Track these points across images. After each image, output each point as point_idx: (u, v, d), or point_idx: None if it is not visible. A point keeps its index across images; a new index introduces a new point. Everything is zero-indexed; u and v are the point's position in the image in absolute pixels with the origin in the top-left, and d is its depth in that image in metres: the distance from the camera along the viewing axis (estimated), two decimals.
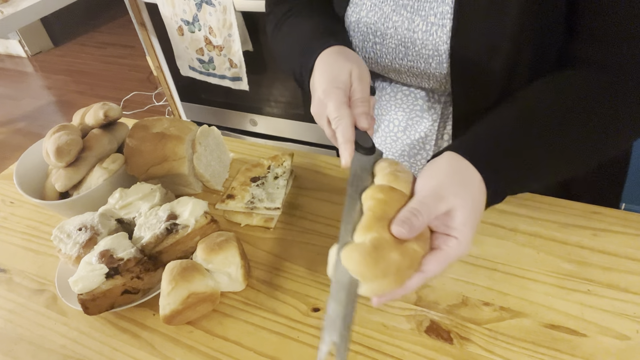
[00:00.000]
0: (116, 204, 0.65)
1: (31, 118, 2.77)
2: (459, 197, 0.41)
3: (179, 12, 1.58)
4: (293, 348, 0.53)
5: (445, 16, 0.55)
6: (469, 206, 0.41)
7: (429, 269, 0.40)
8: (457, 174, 0.43)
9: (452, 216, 0.41)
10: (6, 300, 0.64)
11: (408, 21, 0.58)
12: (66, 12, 2.51)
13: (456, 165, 0.44)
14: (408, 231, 0.39)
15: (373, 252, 0.38)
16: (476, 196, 0.43)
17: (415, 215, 0.40)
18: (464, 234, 0.41)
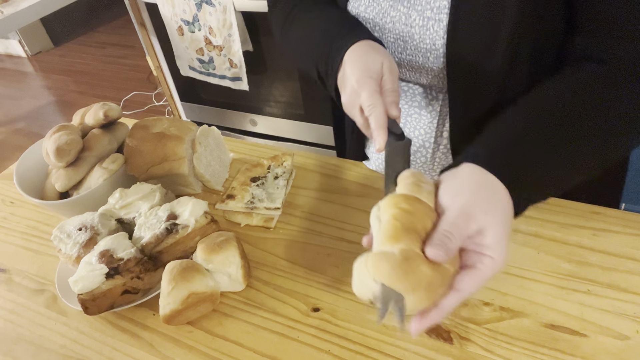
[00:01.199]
0: (116, 204, 0.65)
1: (31, 118, 2.77)
2: (489, 215, 0.40)
3: (179, 12, 1.58)
4: (293, 348, 0.53)
5: (442, 11, 0.55)
6: (500, 221, 0.41)
7: (464, 287, 0.39)
8: (484, 189, 0.42)
9: (484, 235, 0.40)
10: (6, 300, 0.64)
11: (405, 16, 0.58)
12: (66, 12, 2.51)
13: (481, 180, 0.43)
14: (444, 254, 0.38)
15: (404, 264, 0.36)
16: (506, 210, 0.42)
17: (448, 239, 0.39)
18: (498, 251, 0.40)
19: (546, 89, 0.51)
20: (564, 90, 0.50)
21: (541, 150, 0.46)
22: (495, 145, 0.46)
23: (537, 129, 0.47)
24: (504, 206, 0.42)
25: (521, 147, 0.46)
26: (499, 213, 0.41)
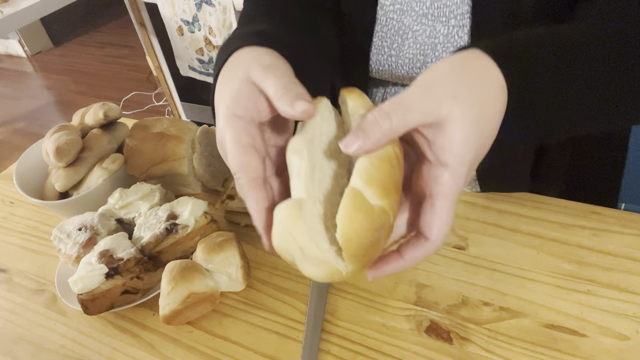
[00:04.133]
0: (116, 204, 0.65)
1: (31, 118, 2.77)
2: (459, 103, 0.29)
3: (178, 12, 1.58)
4: (293, 348, 0.52)
5: (464, 16, 0.55)
6: (473, 117, 0.30)
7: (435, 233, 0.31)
8: (465, 69, 0.31)
9: (444, 129, 0.29)
10: (6, 300, 0.64)
11: (430, 28, 0.58)
12: (66, 12, 2.51)
13: (467, 59, 0.32)
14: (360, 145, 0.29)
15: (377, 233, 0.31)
16: (487, 104, 0.31)
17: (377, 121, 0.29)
18: (457, 155, 0.30)
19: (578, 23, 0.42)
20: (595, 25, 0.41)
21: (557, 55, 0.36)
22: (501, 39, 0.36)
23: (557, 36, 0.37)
24: (487, 97, 0.31)
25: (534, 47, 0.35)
26: (476, 106, 0.30)
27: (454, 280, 0.56)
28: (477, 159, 0.32)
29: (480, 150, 0.31)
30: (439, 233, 0.32)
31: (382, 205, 0.30)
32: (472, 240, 0.60)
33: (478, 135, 0.30)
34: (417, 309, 0.54)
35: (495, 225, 0.61)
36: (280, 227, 0.31)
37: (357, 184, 0.30)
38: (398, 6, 0.59)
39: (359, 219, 0.29)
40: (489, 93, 0.31)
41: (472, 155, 0.30)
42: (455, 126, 0.29)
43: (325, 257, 0.30)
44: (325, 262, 0.30)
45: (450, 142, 0.30)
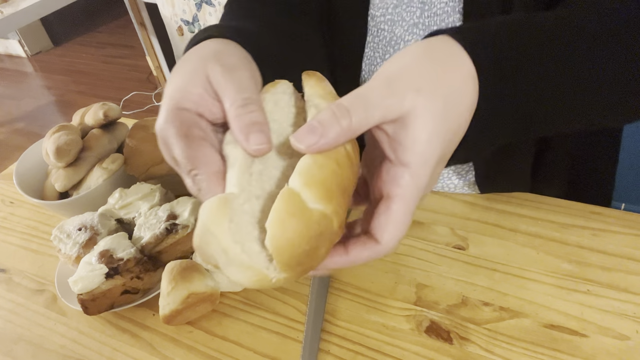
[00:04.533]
0: (116, 204, 0.65)
1: (31, 118, 2.77)
2: (422, 95, 0.27)
3: (178, 12, 1.58)
4: (293, 348, 0.52)
5: (456, 24, 0.55)
6: (438, 112, 0.27)
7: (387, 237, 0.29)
8: (430, 58, 0.29)
9: (406, 125, 0.27)
10: (6, 300, 0.64)
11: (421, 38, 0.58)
12: (66, 12, 2.51)
13: (432, 46, 0.29)
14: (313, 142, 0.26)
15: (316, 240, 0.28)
16: (454, 96, 0.28)
17: (336, 117, 0.26)
18: (419, 154, 0.27)
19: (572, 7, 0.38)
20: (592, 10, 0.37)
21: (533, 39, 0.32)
22: (473, 24, 0.32)
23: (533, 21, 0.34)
24: (454, 90, 0.28)
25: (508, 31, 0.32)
26: (441, 99, 0.27)
27: (454, 280, 0.56)
28: (444, 158, 0.29)
29: (447, 148, 0.29)
30: (390, 238, 0.29)
31: (322, 209, 0.26)
32: (472, 240, 0.60)
33: (444, 132, 0.28)
34: (417, 309, 0.54)
35: (495, 225, 0.61)
36: (202, 226, 0.27)
37: (295, 185, 0.26)
38: (389, 17, 0.59)
39: (292, 225, 0.26)
40: (456, 84, 0.28)
41: (437, 155, 0.28)
42: (418, 122, 0.27)
43: (252, 262, 0.26)
44: (252, 267, 0.26)
45: (412, 140, 0.27)
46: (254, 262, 0.27)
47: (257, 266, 0.27)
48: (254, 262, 0.27)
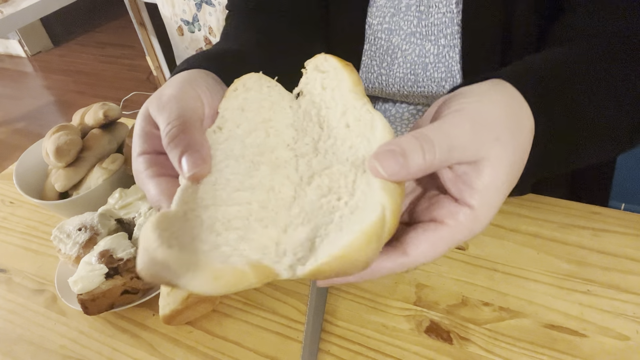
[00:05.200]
0: (116, 204, 0.65)
1: (31, 118, 2.77)
2: (499, 144, 0.28)
3: (178, 12, 1.58)
4: (293, 348, 0.52)
5: (455, 36, 0.54)
6: (509, 161, 0.28)
7: (416, 252, 0.28)
8: (512, 114, 0.30)
9: (480, 170, 0.27)
10: (6, 300, 0.64)
11: (419, 47, 0.57)
12: (66, 12, 2.51)
13: (510, 96, 0.31)
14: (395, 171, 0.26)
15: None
16: (521, 149, 0.30)
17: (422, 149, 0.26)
18: (486, 202, 0.27)
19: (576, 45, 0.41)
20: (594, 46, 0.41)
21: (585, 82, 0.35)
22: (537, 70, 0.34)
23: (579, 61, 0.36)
24: (521, 145, 0.30)
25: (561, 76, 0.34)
26: (513, 151, 0.28)
27: (454, 280, 0.56)
28: (502, 199, 0.29)
29: (504, 194, 0.29)
30: (419, 254, 0.28)
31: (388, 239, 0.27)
32: (472, 240, 0.60)
33: (509, 183, 0.29)
34: (417, 309, 0.54)
35: (495, 225, 0.61)
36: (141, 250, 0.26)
37: (387, 213, 0.25)
38: (386, 25, 0.59)
39: (371, 248, 0.25)
40: (523, 138, 0.30)
41: (499, 202, 0.28)
42: (491, 169, 0.27)
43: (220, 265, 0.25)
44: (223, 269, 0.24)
45: (484, 186, 0.27)
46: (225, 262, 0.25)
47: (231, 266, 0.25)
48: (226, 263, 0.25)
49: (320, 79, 0.35)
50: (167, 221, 0.26)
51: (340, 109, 0.33)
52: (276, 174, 0.32)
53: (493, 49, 0.53)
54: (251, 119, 0.34)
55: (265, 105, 0.35)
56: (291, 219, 0.29)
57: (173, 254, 0.24)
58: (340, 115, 0.32)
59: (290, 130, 0.34)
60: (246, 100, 0.35)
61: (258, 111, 0.35)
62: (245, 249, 0.27)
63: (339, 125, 0.32)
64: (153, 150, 0.34)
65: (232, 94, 0.35)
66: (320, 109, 0.34)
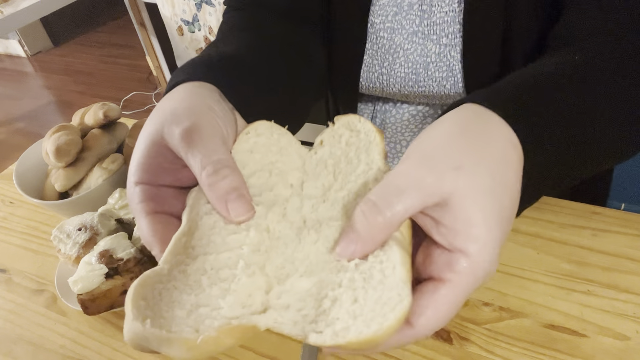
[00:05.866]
0: (116, 204, 0.65)
1: (31, 118, 2.77)
2: (463, 173, 0.25)
3: (178, 12, 1.58)
4: (293, 348, 0.52)
5: (456, 35, 0.54)
6: (485, 188, 0.25)
7: (421, 322, 0.25)
8: (465, 132, 0.26)
9: (452, 209, 0.25)
10: (6, 300, 0.64)
11: (421, 47, 0.57)
12: (66, 12, 2.51)
13: (464, 119, 0.28)
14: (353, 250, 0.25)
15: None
16: (499, 168, 0.26)
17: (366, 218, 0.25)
18: (479, 239, 0.24)
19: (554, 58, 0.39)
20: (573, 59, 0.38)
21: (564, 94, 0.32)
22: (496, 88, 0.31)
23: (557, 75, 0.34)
24: (497, 162, 0.26)
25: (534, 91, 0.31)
26: (486, 174, 0.25)
27: None
28: (504, 236, 0.26)
29: (505, 226, 0.26)
30: (427, 324, 0.25)
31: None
32: None
33: (498, 210, 0.25)
34: None
35: None
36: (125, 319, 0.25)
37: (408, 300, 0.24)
38: (388, 24, 0.59)
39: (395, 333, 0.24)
40: (497, 155, 0.26)
41: (497, 236, 0.25)
42: (467, 204, 0.24)
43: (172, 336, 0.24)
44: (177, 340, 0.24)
45: (465, 224, 0.24)
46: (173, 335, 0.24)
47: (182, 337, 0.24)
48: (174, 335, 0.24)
49: (348, 136, 0.34)
50: (147, 286, 0.26)
51: (363, 168, 0.31)
52: (271, 213, 0.31)
53: (494, 48, 0.53)
54: (258, 161, 0.33)
55: (274, 150, 0.35)
56: (291, 266, 0.28)
57: (146, 330, 0.24)
58: (361, 173, 0.31)
59: (296, 172, 0.34)
60: (256, 144, 0.34)
61: (266, 154, 0.34)
62: (223, 308, 0.26)
63: (357, 181, 0.31)
64: (153, 181, 0.32)
65: (244, 137, 0.35)
66: (339, 162, 0.33)
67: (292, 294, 0.27)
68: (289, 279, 0.28)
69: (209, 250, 0.29)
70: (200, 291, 0.27)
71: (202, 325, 0.25)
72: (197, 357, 0.24)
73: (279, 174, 0.33)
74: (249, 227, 0.30)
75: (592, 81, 0.35)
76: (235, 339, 0.24)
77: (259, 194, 0.32)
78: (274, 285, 0.27)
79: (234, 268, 0.28)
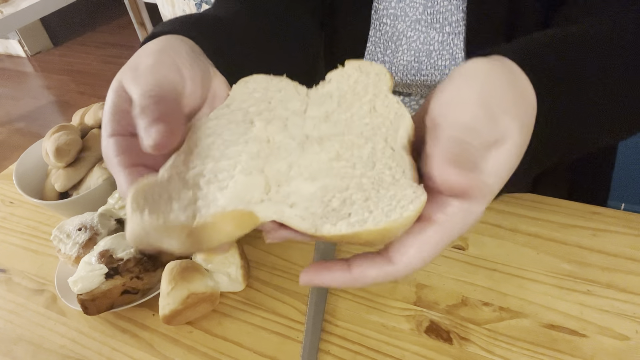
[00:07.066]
0: (116, 204, 0.65)
1: (31, 118, 2.77)
2: (515, 121, 0.26)
3: (178, 12, 1.58)
4: (293, 348, 0.52)
5: (460, 23, 0.54)
6: (521, 144, 0.26)
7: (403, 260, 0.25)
8: (512, 85, 0.27)
9: (498, 150, 0.26)
10: (6, 300, 0.64)
11: (424, 35, 0.57)
12: (66, 12, 2.51)
13: (509, 73, 0.28)
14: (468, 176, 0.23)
15: None
16: (528, 132, 0.28)
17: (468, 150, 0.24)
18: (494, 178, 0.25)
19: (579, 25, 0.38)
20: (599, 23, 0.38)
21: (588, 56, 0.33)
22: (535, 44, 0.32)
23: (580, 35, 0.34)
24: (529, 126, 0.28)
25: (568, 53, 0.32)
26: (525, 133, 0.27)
27: (454, 280, 0.56)
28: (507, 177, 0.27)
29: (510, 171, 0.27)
30: (409, 263, 0.25)
31: None
32: (472, 240, 0.60)
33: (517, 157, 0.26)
34: (417, 309, 0.54)
35: (495, 225, 0.61)
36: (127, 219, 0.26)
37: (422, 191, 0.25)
38: (391, 11, 0.59)
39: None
40: (531, 121, 0.28)
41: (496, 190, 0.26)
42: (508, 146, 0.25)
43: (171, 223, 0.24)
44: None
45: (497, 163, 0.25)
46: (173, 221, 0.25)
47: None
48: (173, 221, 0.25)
49: (357, 76, 0.34)
50: (147, 187, 0.26)
51: (369, 97, 0.32)
52: (272, 126, 0.30)
53: (497, 37, 0.53)
54: (258, 98, 0.33)
55: (273, 89, 0.34)
56: (294, 170, 0.28)
57: (144, 221, 0.24)
58: (367, 101, 0.31)
59: (297, 102, 0.33)
60: (256, 88, 0.34)
61: (265, 92, 0.34)
62: (219, 199, 0.26)
63: (362, 107, 0.31)
64: (127, 131, 0.31)
65: (242, 83, 0.35)
66: (345, 94, 0.33)
67: (297, 194, 0.27)
68: (293, 181, 0.27)
69: (206, 162, 0.29)
70: (197, 190, 0.27)
71: (199, 213, 0.25)
72: (196, 246, 0.24)
73: (279, 102, 0.33)
74: (248, 140, 0.30)
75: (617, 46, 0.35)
76: (233, 225, 0.24)
77: (259, 113, 0.32)
78: (274, 186, 0.27)
79: (232, 171, 0.28)
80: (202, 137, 0.30)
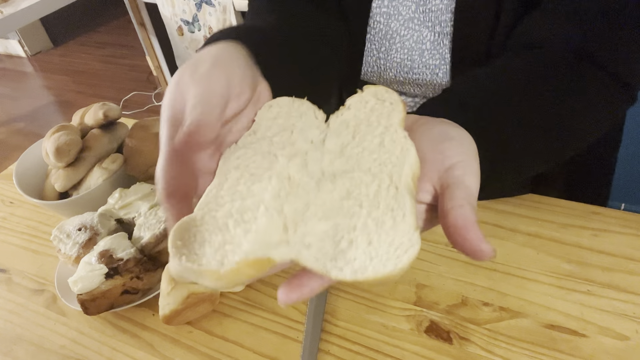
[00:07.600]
0: (116, 204, 0.65)
1: (31, 118, 2.77)
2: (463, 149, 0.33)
3: (178, 12, 1.58)
4: (293, 348, 0.52)
5: (448, 24, 0.55)
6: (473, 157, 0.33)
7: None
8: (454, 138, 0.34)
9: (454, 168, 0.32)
10: (6, 300, 0.64)
11: (417, 34, 0.58)
12: (66, 12, 2.51)
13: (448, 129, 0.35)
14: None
15: None
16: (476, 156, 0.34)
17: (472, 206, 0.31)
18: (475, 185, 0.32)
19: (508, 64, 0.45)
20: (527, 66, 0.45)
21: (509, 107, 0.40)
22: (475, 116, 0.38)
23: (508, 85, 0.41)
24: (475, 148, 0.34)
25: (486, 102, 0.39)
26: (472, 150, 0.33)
27: (454, 280, 0.56)
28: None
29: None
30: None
31: None
32: None
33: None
34: (417, 309, 0.54)
35: (495, 225, 0.61)
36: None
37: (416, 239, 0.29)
38: (385, 9, 0.59)
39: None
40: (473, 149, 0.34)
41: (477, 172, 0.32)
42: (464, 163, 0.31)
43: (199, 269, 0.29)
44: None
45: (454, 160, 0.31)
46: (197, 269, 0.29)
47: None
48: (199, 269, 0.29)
49: (373, 103, 0.37)
50: (183, 230, 0.32)
51: (380, 130, 0.35)
52: (293, 163, 0.34)
53: (481, 40, 0.53)
54: (281, 125, 0.37)
55: (294, 115, 0.38)
56: (310, 210, 0.31)
57: (182, 265, 0.30)
58: (378, 134, 0.34)
59: (316, 131, 0.37)
60: (279, 112, 0.38)
61: (287, 119, 0.38)
62: (244, 244, 0.30)
63: (373, 140, 0.34)
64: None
65: (267, 108, 0.38)
66: (360, 124, 0.36)
67: (312, 234, 0.30)
68: (309, 221, 0.31)
69: (235, 198, 0.32)
70: (226, 232, 0.31)
71: (226, 259, 0.29)
72: (225, 284, 0.28)
73: (300, 132, 0.37)
74: (272, 177, 0.33)
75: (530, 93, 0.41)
76: (254, 270, 0.28)
77: (282, 147, 0.35)
78: (292, 225, 0.31)
79: (256, 211, 0.31)
80: (231, 169, 0.34)
